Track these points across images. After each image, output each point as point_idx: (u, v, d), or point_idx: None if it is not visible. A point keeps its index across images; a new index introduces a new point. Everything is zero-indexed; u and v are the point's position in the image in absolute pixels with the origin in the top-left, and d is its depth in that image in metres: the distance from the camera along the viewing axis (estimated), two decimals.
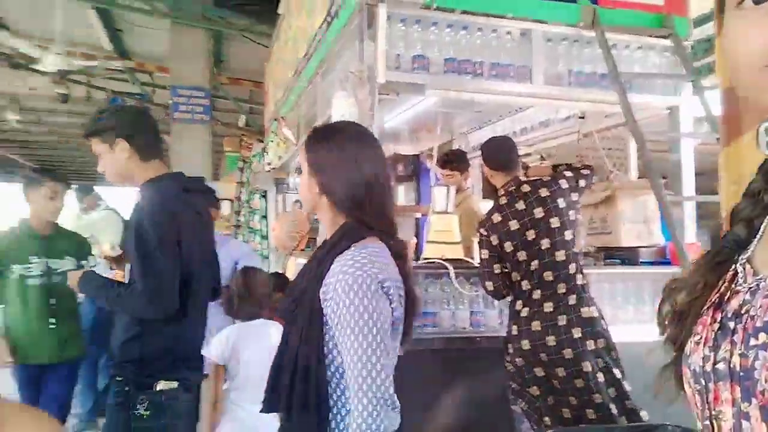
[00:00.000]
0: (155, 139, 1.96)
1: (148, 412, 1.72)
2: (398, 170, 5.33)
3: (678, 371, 0.63)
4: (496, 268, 2.40)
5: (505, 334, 2.41)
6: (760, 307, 0.54)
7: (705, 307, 0.61)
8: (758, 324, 0.53)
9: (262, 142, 5.49)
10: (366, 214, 1.26)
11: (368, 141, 1.34)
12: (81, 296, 2.80)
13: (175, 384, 1.77)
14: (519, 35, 2.79)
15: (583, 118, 3.36)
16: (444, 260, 2.60)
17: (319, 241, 2.68)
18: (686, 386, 0.61)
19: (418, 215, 3.70)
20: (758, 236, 0.61)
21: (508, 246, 2.36)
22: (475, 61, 2.68)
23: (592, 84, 2.83)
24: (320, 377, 1.17)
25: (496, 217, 2.41)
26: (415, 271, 2.50)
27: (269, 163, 4.83)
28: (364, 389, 1.12)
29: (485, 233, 2.42)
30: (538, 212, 2.35)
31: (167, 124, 6.38)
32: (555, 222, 2.34)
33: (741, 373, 0.54)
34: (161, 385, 1.75)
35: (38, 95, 8.84)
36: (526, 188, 2.43)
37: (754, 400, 0.52)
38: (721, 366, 0.56)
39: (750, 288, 0.57)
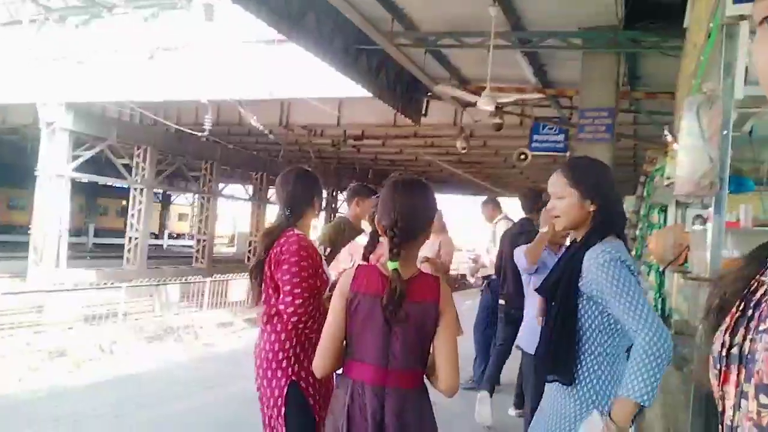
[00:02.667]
0: None
1: None
2: None
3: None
4: None
5: None
6: None
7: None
8: None
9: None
10: (614, 222, 1.76)
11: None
12: None
13: None
14: None
15: None
16: None
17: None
18: (710, 372, 0.63)
19: None
20: None
21: None
22: None
23: None
24: (571, 341, 1.65)
25: None
26: None
27: (668, 178, 4.90)
28: (643, 323, 1.53)
29: None
30: None
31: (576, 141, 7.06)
32: None
33: (748, 357, 0.56)
34: None
35: (482, 125, 10.95)
36: None
37: (752, 380, 0.54)
38: (734, 351, 0.58)
39: None
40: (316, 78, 9.78)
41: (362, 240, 3.12)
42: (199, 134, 13.86)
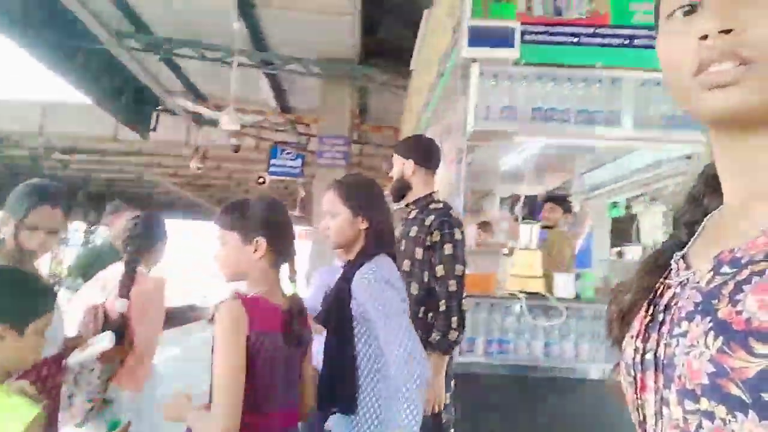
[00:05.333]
0: None
1: None
2: (516, 210, 5.52)
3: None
4: None
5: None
6: (687, 298, 0.55)
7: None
8: (683, 314, 0.54)
9: None
10: (383, 240, 1.75)
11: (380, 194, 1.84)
12: None
13: None
14: (610, 83, 2.95)
15: (689, 158, 3.34)
16: (523, 293, 2.79)
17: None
18: (622, 380, 0.62)
19: (505, 251, 3.89)
20: (695, 236, 0.63)
21: None
22: (562, 108, 2.90)
23: (685, 126, 2.87)
24: (351, 368, 1.62)
25: None
26: (495, 301, 2.77)
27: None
28: (398, 346, 1.53)
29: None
30: None
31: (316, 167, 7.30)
32: None
33: (665, 362, 0.55)
34: None
35: (218, 145, 10.53)
36: None
37: (672, 386, 0.53)
38: (648, 356, 0.57)
39: (681, 282, 0.58)
40: (15, 75, 8.12)
41: (114, 270, 2.48)
42: None
